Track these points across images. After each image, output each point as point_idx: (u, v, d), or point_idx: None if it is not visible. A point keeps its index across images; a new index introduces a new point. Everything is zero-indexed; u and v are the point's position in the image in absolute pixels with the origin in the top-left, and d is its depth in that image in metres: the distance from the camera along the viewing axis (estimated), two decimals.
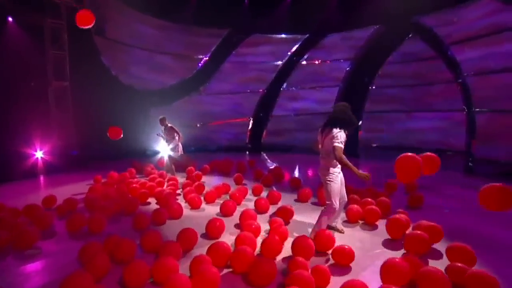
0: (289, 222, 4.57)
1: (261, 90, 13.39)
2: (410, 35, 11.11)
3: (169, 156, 7.60)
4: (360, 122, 12.07)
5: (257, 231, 3.96)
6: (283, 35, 12.79)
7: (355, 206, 4.66)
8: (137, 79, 11.38)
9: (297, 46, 12.80)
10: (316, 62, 12.96)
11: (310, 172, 9.03)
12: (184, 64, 12.44)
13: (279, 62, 13.07)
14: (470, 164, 9.34)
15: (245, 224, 4.06)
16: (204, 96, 13.05)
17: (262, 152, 12.81)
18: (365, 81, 12.37)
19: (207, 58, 12.63)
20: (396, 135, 11.37)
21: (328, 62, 12.87)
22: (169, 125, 7.28)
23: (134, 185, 6.17)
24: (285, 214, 4.60)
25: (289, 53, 12.94)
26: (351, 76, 12.47)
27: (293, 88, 13.46)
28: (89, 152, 9.71)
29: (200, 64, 12.62)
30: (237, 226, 4.48)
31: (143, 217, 4.41)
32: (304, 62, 13.07)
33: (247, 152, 12.96)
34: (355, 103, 11.55)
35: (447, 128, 10.61)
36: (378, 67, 12.21)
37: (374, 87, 12.37)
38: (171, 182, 6.66)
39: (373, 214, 4.52)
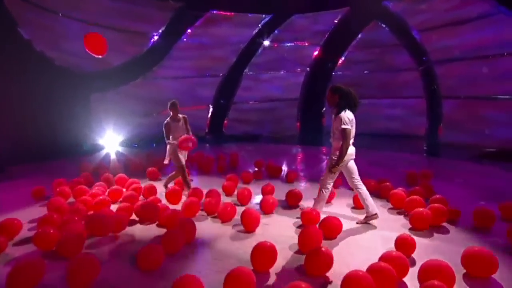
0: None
1: (221, 75, 12.35)
2: (375, 21, 11.05)
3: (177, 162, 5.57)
4: (324, 109, 11.95)
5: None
6: (245, 14, 11.87)
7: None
8: (72, 58, 9.53)
9: (260, 26, 11.97)
10: (282, 45, 12.34)
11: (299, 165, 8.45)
12: (131, 40, 10.81)
13: (241, 45, 12.14)
14: (425, 147, 9.86)
15: None
16: (156, 80, 11.60)
17: (223, 143, 11.94)
18: (328, 67, 12.16)
19: (158, 36, 11.15)
20: (360, 122, 11.43)
21: (294, 44, 12.40)
22: (182, 115, 5.40)
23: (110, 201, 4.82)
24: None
25: (252, 34, 12.08)
26: (316, 61, 12.21)
27: (259, 72, 12.74)
28: (6, 153, 7.64)
29: (151, 42, 11.10)
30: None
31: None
32: (267, 44, 12.32)
33: (207, 145, 11.96)
34: (319, 88, 11.38)
35: (410, 114, 10.94)
36: (341, 52, 12.10)
37: (337, 73, 12.27)
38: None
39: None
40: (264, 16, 11.89)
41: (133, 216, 4.45)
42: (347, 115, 3.67)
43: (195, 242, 3.77)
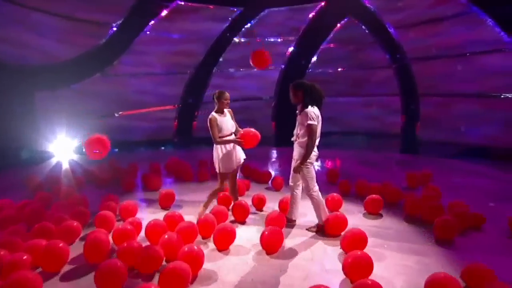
0: None
1: (189, 72, 11.50)
2: (350, 17, 10.95)
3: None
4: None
5: None
6: (215, 6, 11.08)
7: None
8: (11, 49, 8.05)
9: (231, 20, 11.27)
10: (255, 41, 11.77)
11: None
12: (86, 31, 9.48)
13: (211, 39, 11.36)
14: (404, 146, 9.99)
15: None
16: (117, 77, 10.37)
17: (193, 146, 11.07)
18: (302, 64, 11.86)
19: (116, 28, 9.94)
20: (333, 120, 11.32)
21: (267, 40, 11.94)
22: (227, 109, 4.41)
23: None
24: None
25: (222, 29, 11.34)
26: (290, 58, 11.87)
27: (232, 69, 12.07)
28: None
29: (109, 33, 9.84)
30: None
31: None
32: (239, 39, 11.66)
33: (176, 149, 11.02)
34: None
35: (386, 112, 11.02)
36: (316, 49, 11.87)
37: (310, 70, 12.02)
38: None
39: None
40: (235, 9, 11.19)
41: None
42: (314, 111, 3.60)
43: None
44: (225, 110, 4.32)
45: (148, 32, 10.61)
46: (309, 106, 3.62)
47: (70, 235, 3.61)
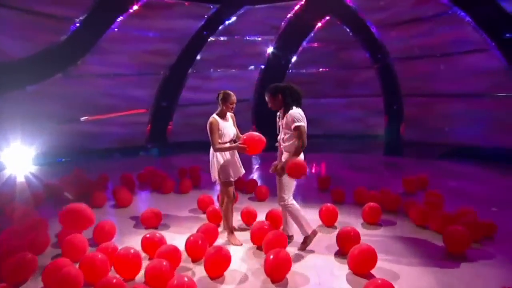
0: None
1: (162, 72, 10.86)
2: (331, 16, 10.80)
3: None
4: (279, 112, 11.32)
5: None
6: (190, 3, 10.54)
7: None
8: None
9: (207, 18, 10.77)
10: (233, 39, 11.34)
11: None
12: (44, 26, 8.59)
13: (186, 38, 10.75)
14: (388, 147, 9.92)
15: None
16: (82, 78, 9.53)
17: (168, 154, 10.50)
18: (282, 64, 11.61)
19: (79, 23, 9.12)
20: (315, 122, 11.18)
21: (246, 39, 11.53)
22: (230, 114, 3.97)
23: None
24: None
25: (198, 27, 10.77)
26: (270, 58, 11.53)
27: (208, 70, 11.52)
28: None
29: (71, 29, 8.99)
30: None
31: None
32: (216, 38, 11.17)
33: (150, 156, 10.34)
34: None
35: (369, 113, 10.96)
36: (296, 48, 11.65)
37: (291, 71, 11.78)
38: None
39: None
40: (211, 6, 10.69)
41: None
42: (298, 111, 3.41)
43: None
44: (228, 114, 3.87)
45: (116, 29, 9.85)
46: (293, 107, 3.43)
47: (23, 271, 2.97)
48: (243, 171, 3.96)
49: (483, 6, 7.90)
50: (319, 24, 10.95)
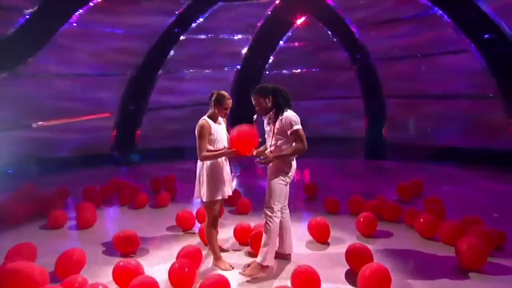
0: None
1: (128, 73, 10.11)
2: (307, 14, 10.66)
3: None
4: (255, 116, 10.97)
5: None
6: None
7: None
8: None
9: (178, 14, 10.19)
10: (207, 38, 10.86)
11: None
12: None
13: (155, 35, 10.11)
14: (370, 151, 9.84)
15: None
16: (35, 78, 8.59)
17: (138, 162, 9.79)
18: (258, 64, 11.31)
19: (29, 16, 8.21)
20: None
21: (221, 38, 11.09)
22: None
23: None
24: None
25: (168, 23, 10.18)
26: (246, 57, 11.18)
27: (180, 70, 10.94)
28: None
29: (19, 22, 8.04)
30: None
31: None
32: (188, 36, 10.62)
33: (117, 165, 9.56)
34: (250, 89, 10.35)
35: (349, 116, 10.88)
36: (273, 48, 11.39)
37: (268, 72, 11.51)
38: None
39: None
40: (182, 1, 10.13)
41: None
42: (294, 114, 3.14)
43: None
44: (220, 118, 3.39)
45: (75, 24, 9.00)
46: (288, 110, 3.16)
47: None
48: (230, 192, 3.43)
49: (462, 7, 8.00)
50: (298, 23, 10.74)
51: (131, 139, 10.16)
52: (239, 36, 11.14)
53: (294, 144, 3.12)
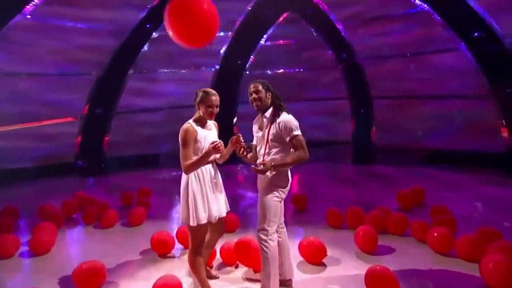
0: None
1: (94, 73, 9.38)
2: (291, 11, 10.30)
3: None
4: (235, 119, 10.52)
5: None
6: None
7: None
8: None
9: (150, 8, 9.56)
10: None
11: None
12: None
13: (126, 31, 9.42)
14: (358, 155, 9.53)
15: None
16: None
17: (106, 172, 9.09)
18: (238, 63, 10.85)
19: None
20: None
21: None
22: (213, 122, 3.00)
23: None
24: None
25: (139, 18, 9.52)
26: (225, 56, 10.66)
27: (153, 70, 10.31)
28: None
29: None
30: None
31: None
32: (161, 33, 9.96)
33: (84, 177, 8.78)
34: (231, 92, 9.93)
35: (335, 118, 10.63)
36: (254, 46, 10.97)
37: (248, 72, 11.08)
38: None
39: None
40: None
41: None
42: (293, 118, 2.82)
43: None
44: (210, 123, 2.88)
45: (29, 16, 8.16)
46: (285, 113, 2.85)
47: None
48: (224, 212, 2.90)
49: (451, 4, 7.92)
50: (280, 20, 10.33)
51: (98, 146, 9.37)
52: (219, 34, 10.63)
53: (293, 151, 2.78)
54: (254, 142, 3.01)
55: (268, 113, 2.85)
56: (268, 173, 2.73)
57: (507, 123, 7.51)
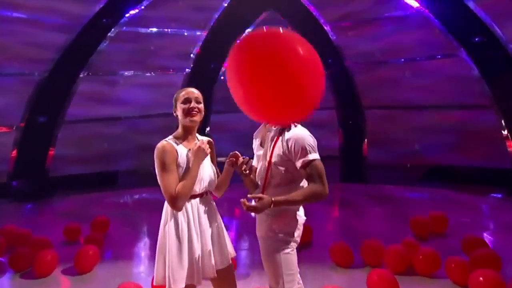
0: None
1: (37, 74, 8.45)
2: (270, 10, 9.91)
3: None
4: (208, 129, 9.94)
5: None
6: None
7: None
8: None
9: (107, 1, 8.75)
10: (148, 33, 9.67)
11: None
12: None
13: (76, 26, 8.63)
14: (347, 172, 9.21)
15: None
16: None
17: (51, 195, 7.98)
18: (211, 67, 10.42)
19: None
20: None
21: (168, 32, 9.95)
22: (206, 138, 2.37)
23: None
24: None
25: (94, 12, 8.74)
26: (197, 59, 10.18)
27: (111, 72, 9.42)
28: None
29: None
30: None
31: None
32: (121, 29, 9.29)
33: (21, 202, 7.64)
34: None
35: (321, 130, 10.20)
36: (229, 48, 10.39)
37: (223, 77, 10.57)
38: None
39: None
40: None
41: None
42: (308, 133, 2.15)
43: None
44: (201, 138, 2.26)
45: None
46: (298, 126, 2.19)
47: None
48: (226, 261, 2.15)
49: (450, 7, 7.78)
50: (260, 18, 9.92)
51: (39, 163, 8.34)
52: (190, 32, 10.15)
53: (306, 183, 2.08)
54: (254, 162, 2.26)
55: (275, 128, 2.17)
56: (267, 212, 2.00)
57: (511, 135, 7.35)
